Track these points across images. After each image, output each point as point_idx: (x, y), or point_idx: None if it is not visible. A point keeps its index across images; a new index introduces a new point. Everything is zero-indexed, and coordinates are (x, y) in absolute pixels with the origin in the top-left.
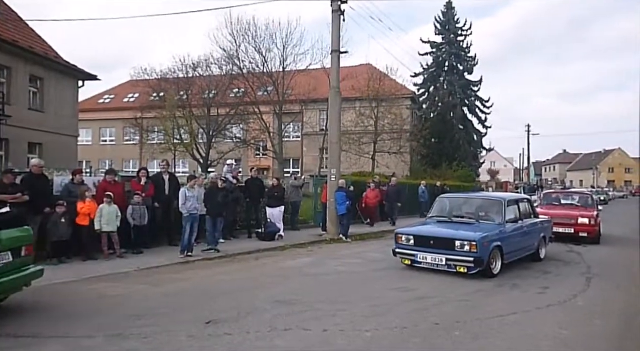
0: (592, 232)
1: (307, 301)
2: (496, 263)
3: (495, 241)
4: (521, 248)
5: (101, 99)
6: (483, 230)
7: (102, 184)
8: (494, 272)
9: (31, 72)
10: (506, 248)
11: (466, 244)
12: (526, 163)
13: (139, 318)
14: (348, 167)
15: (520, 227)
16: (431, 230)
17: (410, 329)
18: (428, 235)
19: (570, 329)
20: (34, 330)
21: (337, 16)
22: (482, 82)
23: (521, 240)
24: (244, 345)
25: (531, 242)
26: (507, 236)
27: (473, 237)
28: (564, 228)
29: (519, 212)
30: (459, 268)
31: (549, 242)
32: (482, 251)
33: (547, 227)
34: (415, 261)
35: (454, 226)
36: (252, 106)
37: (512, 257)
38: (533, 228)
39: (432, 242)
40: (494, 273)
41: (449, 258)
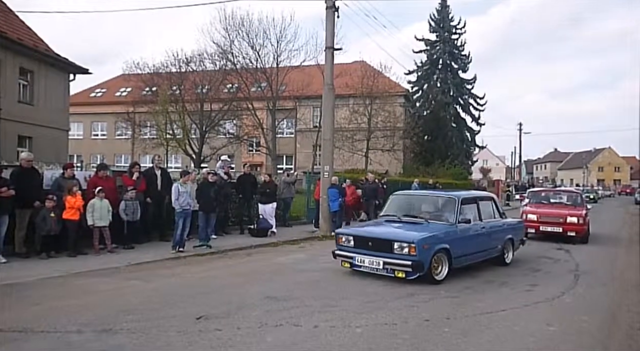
0: (581, 231)
1: (298, 298)
2: (441, 268)
3: (440, 243)
4: (478, 252)
5: (93, 93)
6: (427, 231)
7: (94, 179)
8: (438, 278)
9: (21, 65)
10: (456, 251)
11: (405, 246)
12: (518, 161)
13: (128, 314)
14: (341, 164)
15: (478, 228)
16: (371, 230)
17: (400, 325)
18: (367, 236)
19: (558, 325)
20: (22, 325)
21: (331, 13)
22: (476, 80)
23: (478, 242)
24: (234, 341)
25: (493, 245)
26: (458, 238)
27: (412, 238)
28: (553, 227)
29: (478, 212)
30: (398, 273)
31: (519, 245)
32: (422, 254)
33: (516, 228)
34: (354, 264)
35: (399, 226)
36: (245, 102)
37: (465, 261)
38: (495, 229)
39: (370, 244)
40: (436, 280)
41: (386, 262)
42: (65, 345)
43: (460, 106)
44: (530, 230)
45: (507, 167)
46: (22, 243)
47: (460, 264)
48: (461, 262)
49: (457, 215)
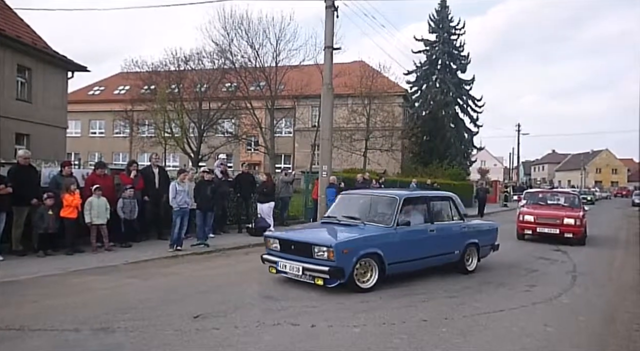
0: (578, 232)
1: (296, 297)
2: (370, 275)
3: (367, 248)
4: (425, 257)
5: (91, 91)
6: (353, 234)
7: (91, 177)
8: (364, 287)
9: (19, 62)
10: (391, 256)
11: (324, 251)
12: (516, 162)
13: (126, 312)
14: (339, 164)
15: (426, 231)
16: (295, 233)
17: (398, 325)
18: (289, 239)
19: (555, 326)
20: (19, 323)
21: (330, 12)
22: (474, 81)
23: (425, 246)
24: (231, 340)
25: (447, 250)
26: (395, 242)
27: (330, 242)
28: (550, 228)
29: (428, 213)
30: (317, 280)
31: (490, 250)
32: (341, 259)
33: (483, 232)
34: (279, 270)
35: (330, 229)
36: (244, 101)
37: (405, 267)
38: (451, 233)
39: (293, 248)
40: (362, 288)
41: (305, 268)
42: (63, 344)
43: (459, 107)
44: (527, 231)
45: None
46: (19, 241)
47: (398, 271)
48: (399, 269)
49: (397, 217)
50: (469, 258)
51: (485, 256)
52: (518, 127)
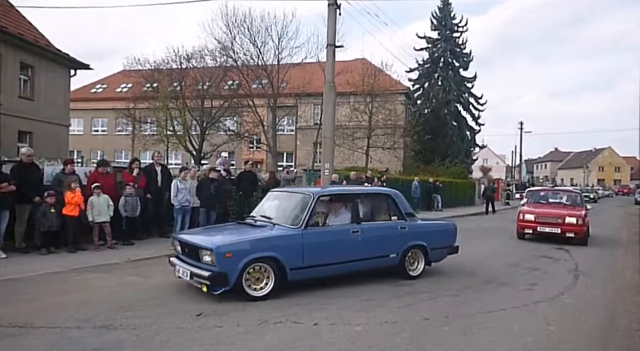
0: (580, 232)
1: (297, 295)
2: (266, 281)
3: (258, 251)
4: (344, 262)
5: (93, 89)
6: (245, 235)
7: (94, 175)
8: (256, 295)
9: (21, 60)
10: (294, 260)
11: (207, 254)
12: (518, 160)
13: (128, 310)
14: (341, 162)
15: (347, 233)
16: (193, 234)
17: (400, 324)
18: (183, 241)
19: (557, 325)
20: (22, 320)
21: (333, 10)
22: (476, 78)
23: (346, 249)
24: (233, 338)
25: (378, 253)
26: (301, 244)
27: (213, 244)
28: (551, 227)
29: (353, 212)
30: (203, 286)
31: (445, 254)
32: (224, 264)
33: (433, 233)
34: (178, 275)
35: (234, 230)
36: (246, 99)
37: (315, 273)
38: (384, 234)
39: (187, 250)
40: (254, 296)
41: (192, 272)
42: (65, 341)
43: (461, 105)
44: (528, 230)
45: (507, 166)
46: (22, 238)
47: (308, 277)
48: (309, 274)
49: (306, 217)
50: (414, 261)
51: (440, 260)
52: (520, 125)
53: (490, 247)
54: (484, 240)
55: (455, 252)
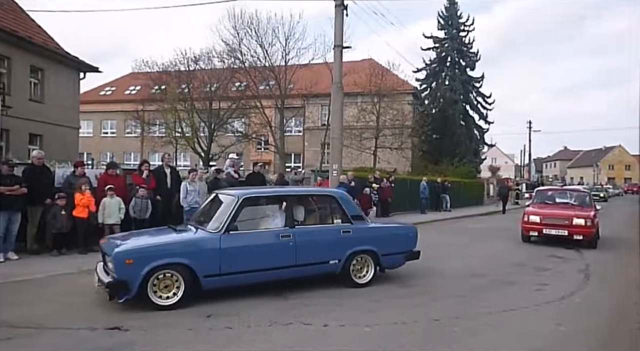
0: (589, 234)
1: (306, 296)
2: (175, 289)
3: (165, 257)
4: (271, 268)
5: (102, 91)
6: (153, 240)
7: (103, 177)
8: (162, 303)
9: (32, 63)
10: (210, 268)
11: (109, 260)
12: (527, 160)
13: (138, 311)
14: (349, 162)
15: (274, 237)
16: (112, 239)
17: (409, 325)
18: (100, 246)
19: (568, 326)
20: (35, 321)
21: (340, 11)
22: (483, 78)
23: (273, 256)
24: (243, 339)
25: (314, 259)
26: (219, 250)
27: (113, 250)
28: (557, 229)
29: (287, 215)
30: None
31: (402, 260)
32: (123, 271)
33: (384, 237)
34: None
35: (154, 233)
36: (254, 100)
37: (236, 280)
38: (323, 238)
39: (103, 255)
40: (161, 305)
41: (99, 278)
42: (77, 341)
43: (468, 104)
44: (533, 233)
45: (516, 165)
46: (34, 240)
47: (228, 284)
48: (229, 282)
49: (227, 220)
50: (362, 268)
51: (396, 266)
52: (529, 124)
53: (499, 247)
54: (493, 240)
55: (415, 257)
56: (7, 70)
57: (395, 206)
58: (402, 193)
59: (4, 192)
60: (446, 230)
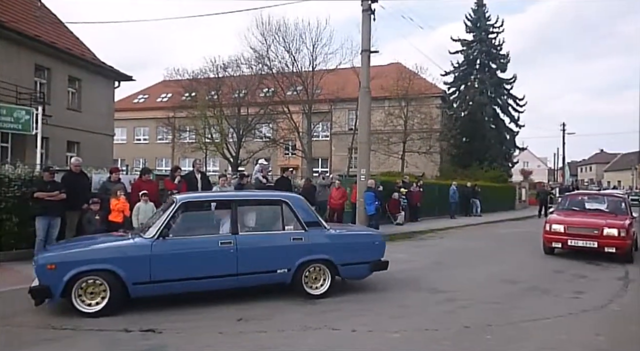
0: (623, 246)
1: (335, 301)
2: (103, 296)
3: (90, 263)
4: (210, 277)
5: (135, 99)
6: (83, 247)
7: (137, 183)
8: (87, 310)
9: (70, 73)
10: (139, 275)
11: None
12: (561, 163)
13: (172, 314)
14: (377, 167)
15: (213, 243)
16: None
17: (441, 332)
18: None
19: (606, 335)
20: (74, 323)
21: (367, 16)
22: (515, 79)
23: (211, 264)
24: (275, 343)
25: (260, 268)
26: (150, 256)
27: (36, 256)
28: (585, 241)
29: (232, 221)
30: None
31: (367, 271)
32: (45, 277)
33: (343, 246)
34: None
35: (92, 240)
36: (281, 106)
37: (169, 289)
38: (269, 246)
39: None
40: (86, 313)
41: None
42: (113, 343)
43: (499, 106)
44: (556, 244)
45: (549, 168)
46: None
47: (161, 292)
48: (160, 290)
49: (162, 226)
50: (317, 278)
51: (359, 277)
52: (563, 126)
53: (532, 252)
54: (526, 246)
55: (382, 268)
56: (47, 81)
57: (424, 211)
58: (430, 197)
59: (44, 198)
60: (477, 235)
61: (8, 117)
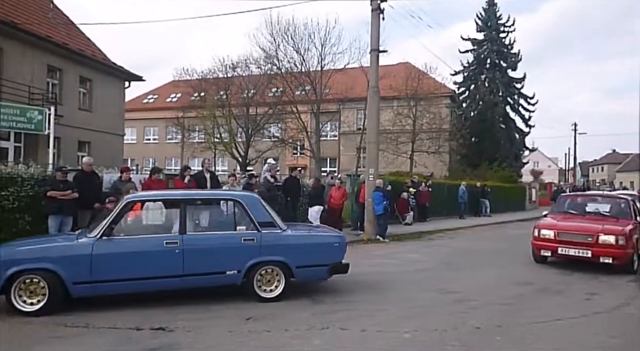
0: (621, 256)
1: (344, 301)
2: (43, 295)
3: (29, 262)
4: (154, 277)
5: (145, 99)
6: (27, 245)
7: (147, 182)
8: (26, 309)
9: (81, 74)
10: (80, 275)
11: None
12: (572, 163)
13: (183, 312)
14: (385, 167)
15: (157, 244)
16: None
17: (450, 332)
18: None
19: (620, 337)
20: (84, 321)
21: (376, 15)
22: (525, 79)
23: (155, 264)
24: (282, 342)
25: (207, 269)
26: (90, 256)
27: None
28: (577, 249)
29: (180, 221)
30: None
31: (326, 273)
32: None
33: (298, 247)
34: None
35: (43, 239)
36: (290, 105)
37: (109, 289)
38: (217, 247)
39: None
40: (25, 312)
41: None
42: (125, 340)
43: (509, 106)
44: (545, 252)
45: (560, 169)
46: None
47: (100, 292)
48: (102, 290)
49: (106, 225)
50: (271, 280)
51: (318, 279)
52: (574, 126)
53: None
54: None
55: (342, 271)
56: (58, 81)
57: (432, 211)
58: (440, 197)
59: (57, 197)
60: (486, 235)
61: (21, 117)
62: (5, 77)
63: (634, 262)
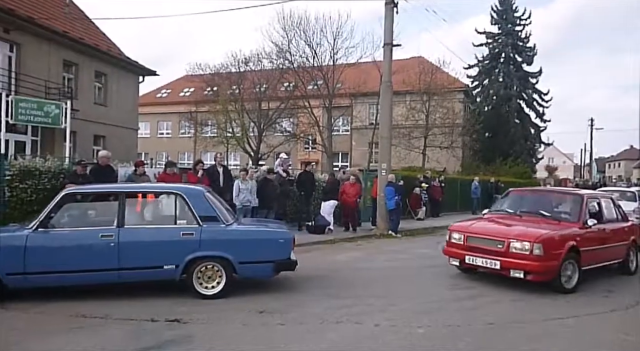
0: (537, 269)
1: (358, 296)
2: None
3: None
4: (89, 270)
5: (159, 94)
6: None
7: (162, 176)
8: None
9: (96, 69)
10: (14, 266)
11: None
12: (588, 159)
13: (198, 305)
14: (398, 162)
15: (92, 237)
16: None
17: (464, 328)
18: None
19: (636, 335)
20: (102, 311)
21: (390, 9)
22: (541, 73)
23: (90, 257)
24: (296, 336)
25: (144, 263)
26: (21, 247)
27: None
28: (485, 258)
29: (118, 214)
30: None
31: (272, 271)
32: None
33: (242, 242)
34: None
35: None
36: (302, 100)
37: (44, 281)
38: (155, 241)
39: None
40: None
41: None
42: (141, 332)
43: (524, 101)
44: (454, 260)
45: (575, 165)
46: None
47: (33, 284)
48: (35, 282)
49: (42, 216)
50: (212, 276)
51: (263, 277)
52: (591, 121)
53: None
54: None
55: (288, 268)
56: (74, 76)
57: (445, 206)
58: (452, 193)
59: None
60: None
61: (39, 111)
62: (22, 72)
63: (560, 278)
